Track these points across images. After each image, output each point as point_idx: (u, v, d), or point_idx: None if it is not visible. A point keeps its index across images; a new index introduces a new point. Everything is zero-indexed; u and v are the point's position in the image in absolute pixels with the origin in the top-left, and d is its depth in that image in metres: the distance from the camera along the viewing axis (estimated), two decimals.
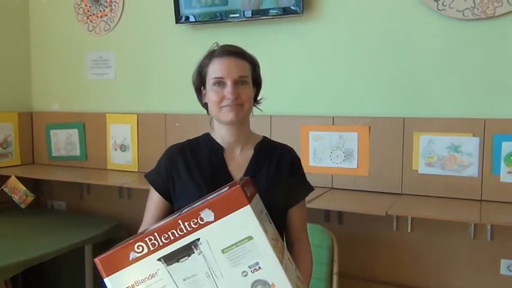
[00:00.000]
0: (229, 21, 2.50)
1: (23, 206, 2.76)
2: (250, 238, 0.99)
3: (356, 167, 2.26)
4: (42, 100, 3.24)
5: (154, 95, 2.84)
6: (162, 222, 1.04)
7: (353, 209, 2.07)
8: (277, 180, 1.34)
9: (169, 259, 0.99)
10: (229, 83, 1.28)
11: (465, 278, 2.07)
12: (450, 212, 1.95)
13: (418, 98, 2.17)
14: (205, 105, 1.39)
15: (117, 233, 2.62)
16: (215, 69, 1.30)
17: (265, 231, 1.00)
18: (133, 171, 2.85)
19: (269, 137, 1.47)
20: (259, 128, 1.53)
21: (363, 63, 2.27)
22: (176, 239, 0.99)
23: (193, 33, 2.67)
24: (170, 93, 2.77)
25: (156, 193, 1.37)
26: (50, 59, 3.19)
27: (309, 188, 1.44)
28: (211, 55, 1.33)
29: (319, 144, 2.33)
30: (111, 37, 2.95)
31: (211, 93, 1.31)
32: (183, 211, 1.04)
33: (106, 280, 1.01)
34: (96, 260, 1.02)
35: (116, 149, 2.92)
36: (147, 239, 1.00)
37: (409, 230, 2.14)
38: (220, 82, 1.29)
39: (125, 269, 1.00)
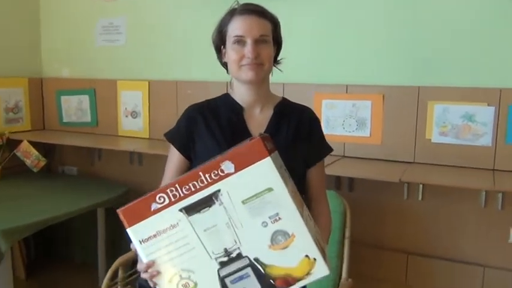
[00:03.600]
0: None
1: (35, 170, 2.79)
2: (270, 189, 1.00)
3: (369, 135, 2.26)
4: (52, 66, 3.23)
5: (166, 62, 2.82)
6: (183, 175, 1.05)
7: (366, 176, 2.07)
8: (296, 140, 1.34)
9: (190, 210, 1.01)
10: (249, 41, 1.26)
11: (474, 246, 2.09)
12: (462, 179, 1.95)
13: (433, 66, 2.15)
14: (224, 65, 1.38)
15: (129, 199, 2.63)
16: (235, 28, 1.28)
17: (285, 183, 1.01)
18: (144, 138, 2.86)
19: None
20: None
21: (377, 31, 2.24)
22: (197, 190, 1.00)
23: None
24: (182, 60, 2.76)
25: (176, 151, 1.37)
26: (60, 24, 3.16)
27: (328, 149, 1.43)
28: (232, 13, 1.31)
29: (332, 112, 2.32)
30: (121, 3, 2.92)
31: (231, 52, 1.29)
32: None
33: (129, 230, 1.03)
34: (119, 210, 1.04)
35: (127, 116, 2.93)
36: (168, 190, 1.01)
37: (419, 199, 2.15)
38: (240, 40, 1.27)
39: (147, 220, 1.02)
